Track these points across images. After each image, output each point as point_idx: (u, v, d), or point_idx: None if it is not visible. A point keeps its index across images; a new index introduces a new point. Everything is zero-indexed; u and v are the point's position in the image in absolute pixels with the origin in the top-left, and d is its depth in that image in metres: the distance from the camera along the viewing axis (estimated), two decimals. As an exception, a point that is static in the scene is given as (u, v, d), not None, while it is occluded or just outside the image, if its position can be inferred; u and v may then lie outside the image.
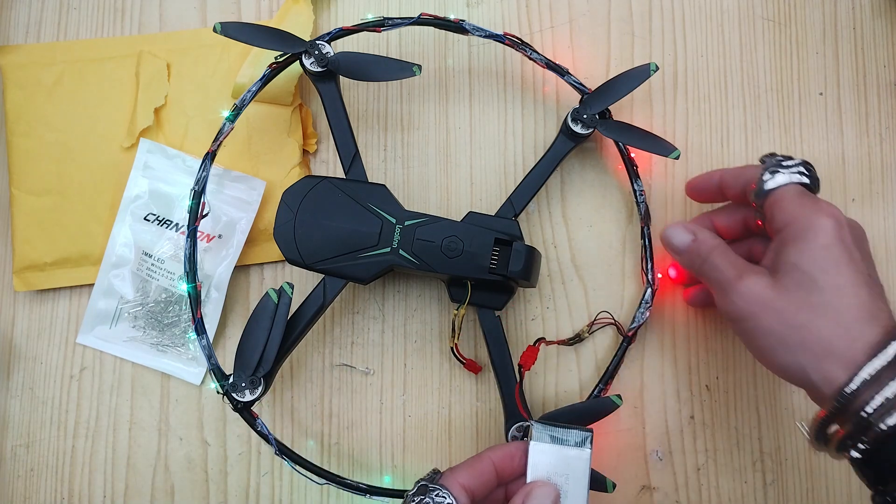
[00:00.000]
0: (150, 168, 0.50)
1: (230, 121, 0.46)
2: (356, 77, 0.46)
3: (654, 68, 0.47)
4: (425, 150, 0.52)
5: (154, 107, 0.51)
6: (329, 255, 0.44)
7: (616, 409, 0.43)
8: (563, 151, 0.48)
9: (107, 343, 0.50)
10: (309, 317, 0.44)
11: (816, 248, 0.36)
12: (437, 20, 0.48)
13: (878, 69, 0.52)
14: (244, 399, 0.42)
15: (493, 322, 0.46)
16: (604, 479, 0.43)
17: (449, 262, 0.44)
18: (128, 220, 0.50)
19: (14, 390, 0.51)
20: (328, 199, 0.44)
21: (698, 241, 0.41)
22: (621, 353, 0.47)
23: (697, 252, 0.41)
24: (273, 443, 0.43)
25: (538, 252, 0.46)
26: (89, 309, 0.50)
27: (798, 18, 0.53)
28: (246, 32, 0.45)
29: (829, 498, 0.48)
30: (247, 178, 0.50)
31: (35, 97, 0.51)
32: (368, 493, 0.44)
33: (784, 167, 0.40)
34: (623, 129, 0.47)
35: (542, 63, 0.48)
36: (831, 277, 0.36)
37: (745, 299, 0.37)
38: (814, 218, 0.37)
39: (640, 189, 0.48)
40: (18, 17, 0.54)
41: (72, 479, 0.50)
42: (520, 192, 0.47)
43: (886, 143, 0.52)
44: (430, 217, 0.44)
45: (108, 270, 0.50)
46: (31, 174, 0.51)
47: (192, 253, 0.45)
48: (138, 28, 0.53)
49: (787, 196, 0.39)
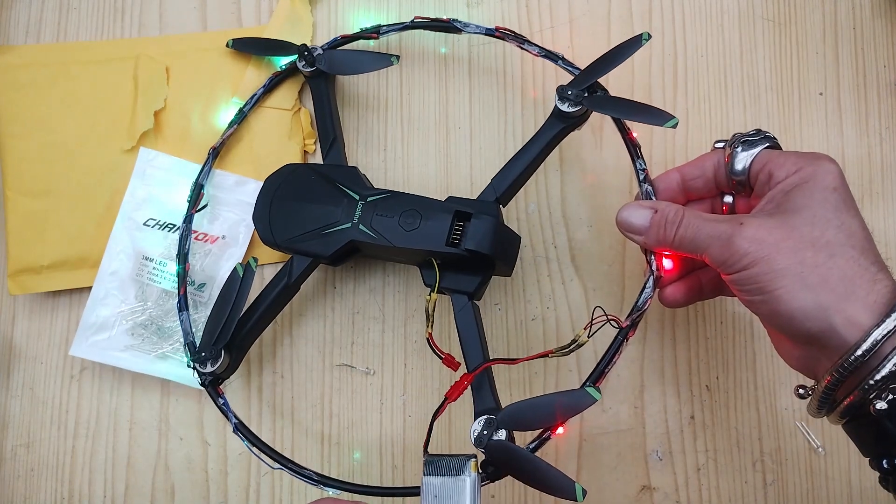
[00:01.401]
0: (149, 175, 0.51)
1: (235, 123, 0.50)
2: (342, 71, 0.50)
3: (646, 37, 0.44)
4: (425, 150, 0.52)
5: (154, 110, 0.51)
6: (297, 234, 0.45)
7: (593, 403, 0.37)
8: (551, 132, 0.45)
9: (104, 352, 0.49)
10: (275, 294, 0.45)
11: (826, 189, 0.34)
12: (429, 22, 0.49)
13: (878, 69, 0.52)
14: (206, 371, 0.42)
15: (465, 307, 0.43)
16: (572, 485, 0.36)
17: (406, 236, 0.43)
18: (127, 227, 0.50)
19: (14, 390, 0.51)
20: (303, 183, 0.46)
21: (661, 210, 0.38)
22: (616, 346, 0.41)
23: (665, 219, 0.38)
24: (232, 419, 0.43)
25: (511, 231, 0.44)
26: (84, 319, 0.49)
27: (798, 18, 0.53)
28: (251, 46, 0.52)
29: (829, 498, 0.48)
30: (248, 182, 0.51)
31: (30, 98, 0.51)
32: (320, 484, 0.42)
33: (752, 138, 0.39)
34: (613, 103, 0.43)
35: (535, 52, 0.47)
36: (844, 217, 0.34)
37: (754, 242, 0.34)
38: (818, 163, 0.35)
39: (643, 167, 0.44)
40: (18, 17, 0.54)
41: (72, 479, 0.50)
42: (502, 174, 0.45)
43: (886, 143, 0.52)
44: (392, 192, 0.44)
45: (106, 278, 0.50)
46: (26, 176, 0.51)
47: (186, 236, 0.48)
48: (138, 28, 0.53)
49: (775, 154, 0.38)
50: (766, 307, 0.34)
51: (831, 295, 0.32)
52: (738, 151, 0.39)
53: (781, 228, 0.34)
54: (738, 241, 0.34)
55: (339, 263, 0.46)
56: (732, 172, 0.39)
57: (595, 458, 0.48)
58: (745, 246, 0.34)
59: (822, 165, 0.35)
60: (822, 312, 0.32)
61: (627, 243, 0.50)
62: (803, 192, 0.35)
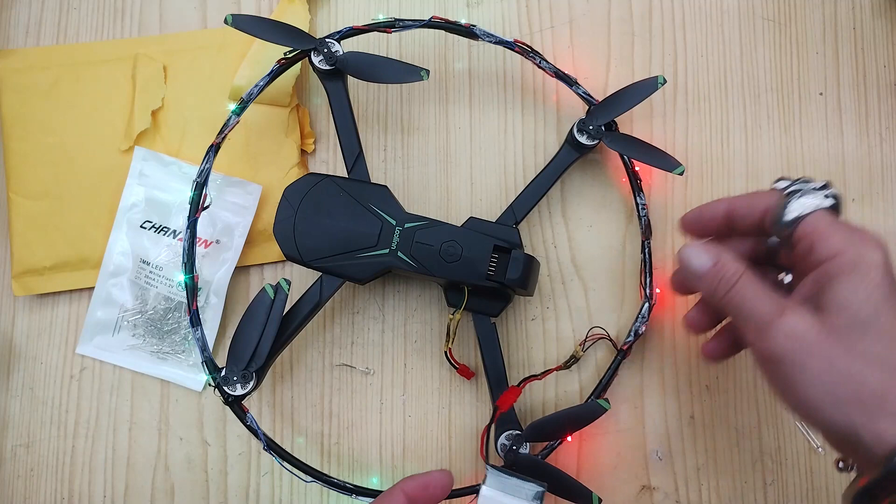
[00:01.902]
0: (145, 176, 0.50)
1: (236, 114, 0.46)
2: (364, 77, 0.46)
3: (661, 81, 0.47)
4: (425, 151, 0.52)
5: (151, 109, 0.51)
6: (327, 254, 0.44)
7: (604, 413, 0.42)
8: (567, 161, 0.48)
9: (107, 352, 0.50)
10: (304, 314, 0.44)
11: (870, 286, 0.33)
12: (447, 24, 0.47)
13: (878, 69, 0.52)
14: (235, 393, 0.42)
15: (488, 329, 0.46)
16: (589, 494, 0.42)
17: (447, 267, 0.44)
18: (124, 229, 0.50)
19: (14, 390, 0.51)
20: (329, 198, 0.44)
21: (721, 263, 0.37)
22: (615, 367, 0.47)
23: (721, 276, 0.36)
24: (262, 438, 0.43)
25: (537, 261, 0.46)
26: (88, 319, 0.50)
27: (798, 18, 0.53)
28: (257, 26, 0.45)
29: (829, 498, 0.48)
30: (243, 183, 0.50)
31: (31, 101, 0.51)
32: (354, 494, 0.44)
33: (808, 190, 0.37)
34: (628, 143, 0.47)
35: (550, 72, 0.48)
36: (886, 321, 0.32)
37: (789, 339, 0.33)
38: (864, 251, 0.34)
39: (643, 203, 0.48)
40: (18, 17, 0.54)
41: (72, 479, 0.50)
42: (521, 200, 0.47)
43: (886, 143, 0.52)
44: (431, 220, 0.44)
45: (107, 279, 0.50)
46: (29, 178, 0.51)
47: (191, 244, 0.45)
48: (138, 28, 0.53)
49: (823, 224, 0.35)
50: (789, 403, 0.34)
51: (861, 410, 0.32)
52: (791, 203, 0.36)
53: (821, 329, 0.33)
54: (772, 333, 0.34)
55: (367, 283, 0.45)
56: (778, 223, 0.37)
57: (595, 457, 0.48)
58: (780, 341, 0.33)
59: (866, 254, 0.34)
60: (850, 428, 0.32)
61: (627, 243, 0.50)
62: (846, 286, 0.33)
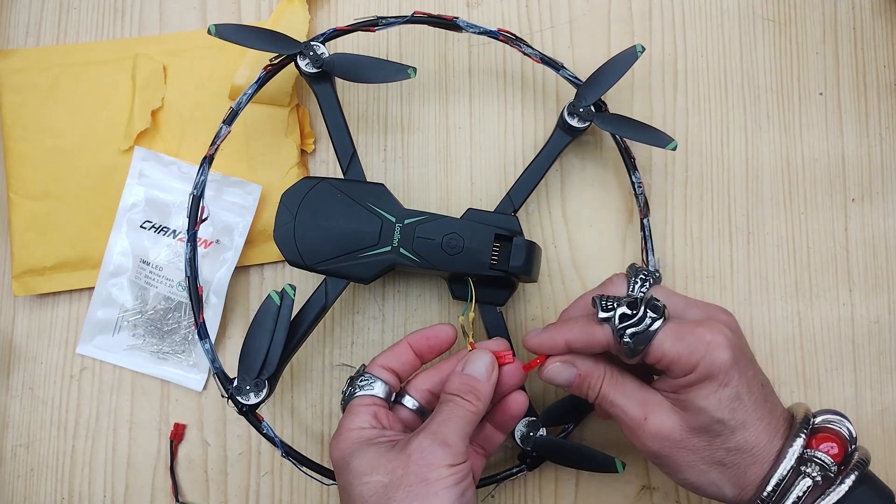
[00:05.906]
0: (145, 176, 0.50)
1: (227, 124, 0.46)
2: (351, 79, 0.46)
3: (640, 50, 0.46)
4: (425, 150, 0.52)
5: (151, 109, 0.51)
6: (330, 256, 0.44)
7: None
8: (560, 145, 0.48)
9: (107, 352, 0.50)
10: (311, 318, 0.44)
11: (721, 394, 0.37)
12: (430, 18, 0.47)
13: (878, 69, 0.52)
14: (249, 402, 0.42)
15: (496, 317, 0.46)
16: (612, 461, 0.43)
17: (450, 260, 0.44)
18: (124, 229, 0.50)
19: (14, 390, 0.51)
20: (327, 200, 0.44)
21: (583, 375, 0.40)
22: None
23: (587, 385, 0.40)
24: (279, 445, 0.43)
25: (538, 246, 0.46)
26: (88, 319, 0.50)
27: (798, 18, 0.53)
28: (240, 34, 0.45)
29: (829, 498, 0.48)
30: (242, 183, 0.50)
31: (31, 101, 0.51)
32: None
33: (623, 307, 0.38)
34: (619, 121, 0.47)
35: (536, 58, 0.48)
36: (739, 416, 0.37)
37: (658, 439, 0.38)
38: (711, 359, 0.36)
39: (639, 181, 0.48)
40: (18, 17, 0.54)
41: (72, 479, 0.50)
42: (518, 188, 0.47)
43: (886, 143, 0.52)
44: (430, 215, 0.44)
45: (107, 279, 0.50)
46: (29, 178, 0.51)
47: (192, 257, 0.45)
48: (138, 28, 0.53)
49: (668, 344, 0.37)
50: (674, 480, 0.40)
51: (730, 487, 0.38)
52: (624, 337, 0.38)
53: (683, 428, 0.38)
54: (641, 437, 0.38)
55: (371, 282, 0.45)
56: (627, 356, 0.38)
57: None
58: (649, 443, 0.38)
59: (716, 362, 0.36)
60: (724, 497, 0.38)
61: (627, 244, 0.50)
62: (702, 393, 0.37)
